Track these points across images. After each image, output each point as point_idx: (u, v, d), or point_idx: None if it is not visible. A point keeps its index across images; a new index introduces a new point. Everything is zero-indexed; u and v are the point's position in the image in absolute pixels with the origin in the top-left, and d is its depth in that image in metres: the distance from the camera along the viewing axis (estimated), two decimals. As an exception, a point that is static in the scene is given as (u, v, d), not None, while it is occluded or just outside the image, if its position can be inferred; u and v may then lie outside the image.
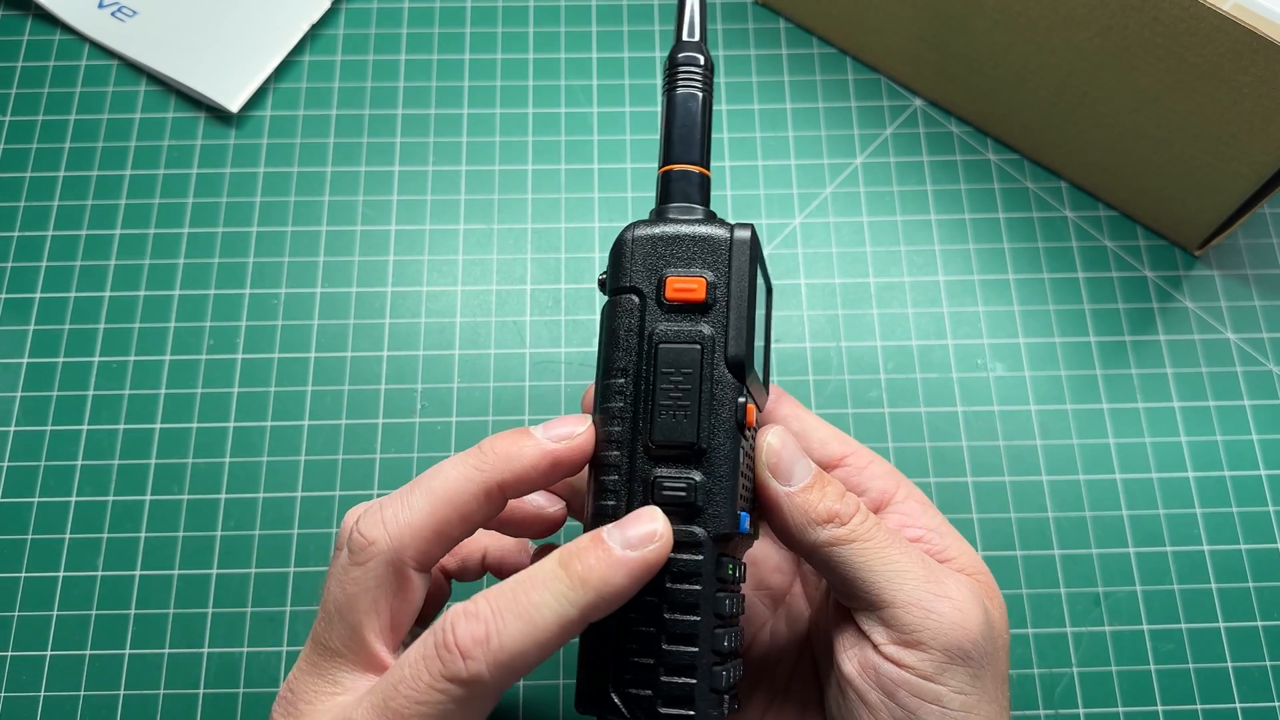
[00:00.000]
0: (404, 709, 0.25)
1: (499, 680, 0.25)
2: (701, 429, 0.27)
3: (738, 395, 0.28)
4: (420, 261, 0.48)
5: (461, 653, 0.25)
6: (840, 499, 0.30)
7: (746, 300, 0.28)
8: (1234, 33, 0.38)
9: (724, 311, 0.28)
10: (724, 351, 0.28)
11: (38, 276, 0.47)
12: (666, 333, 0.28)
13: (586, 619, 0.26)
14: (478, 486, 0.28)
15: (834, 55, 0.52)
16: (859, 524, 0.30)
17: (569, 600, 0.26)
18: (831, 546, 0.30)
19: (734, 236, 0.28)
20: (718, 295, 0.28)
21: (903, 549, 0.30)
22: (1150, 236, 0.48)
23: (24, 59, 0.51)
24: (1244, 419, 0.45)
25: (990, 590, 0.32)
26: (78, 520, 0.43)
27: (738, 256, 0.28)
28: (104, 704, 0.40)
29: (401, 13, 0.52)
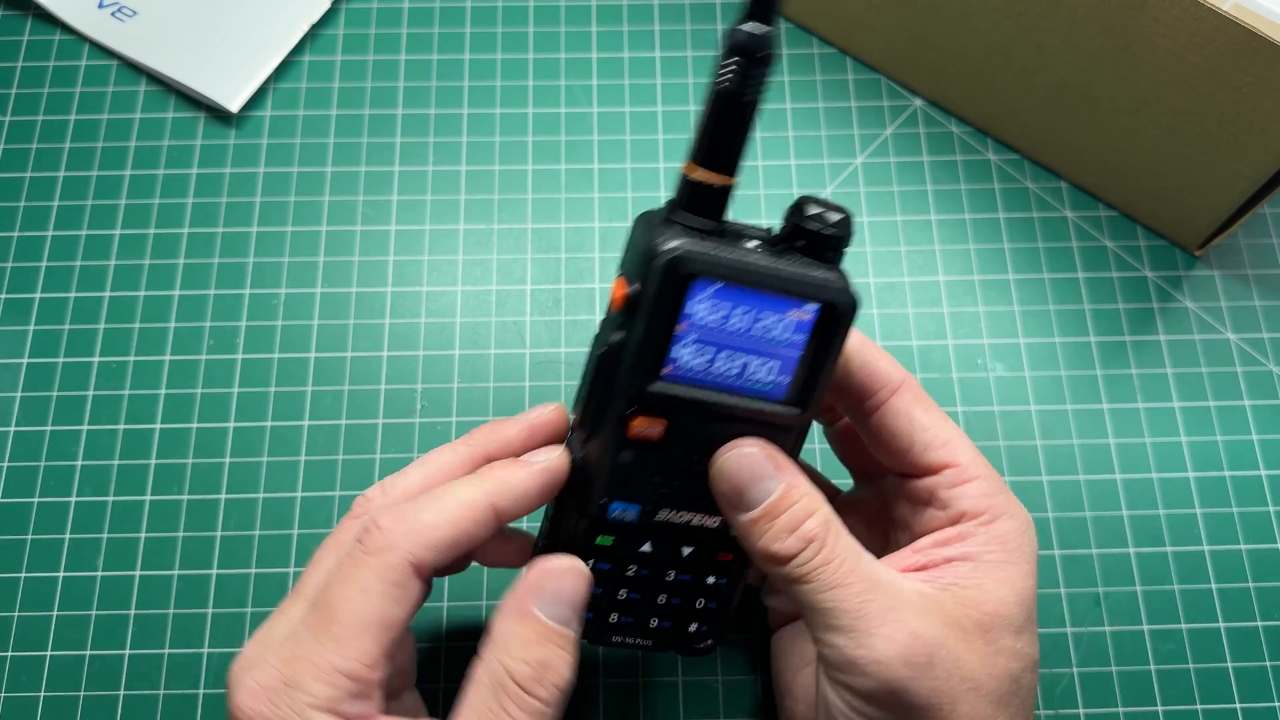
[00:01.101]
0: (339, 591, 0.29)
1: (414, 551, 0.29)
2: (584, 422, 0.31)
3: (626, 408, 0.29)
4: (420, 261, 0.48)
5: (381, 529, 0.29)
6: (785, 535, 0.30)
7: (638, 326, 0.28)
8: (1234, 33, 0.38)
9: (631, 342, 0.29)
10: (622, 373, 0.29)
11: (38, 277, 0.47)
12: (600, 328, 0.30)
13: (493, 506, 0.30)
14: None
15: (834, 55, 0.52)
16: (802, 563, 0.29)
17: (479, 487, 0.30)
18: (775, 582, 0.31)
19: (653, 264, 0.28)
20: (634, 291, 0.29)
21: (847, 588, 0.29)
22: (1150, 236, 0.48)
23: (24, 59, 0.51)
24: (1244, 419, 0.45)
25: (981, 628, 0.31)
26: (78, 520, 0.43)
27: (651, 279, 0.28)
28: (104, 704, 0.40)
29: (401, 13, 0.52)
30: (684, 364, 0.29)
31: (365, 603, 0.28)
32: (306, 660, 0.28)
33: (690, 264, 0.28)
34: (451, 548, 0.30)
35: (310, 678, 0.28)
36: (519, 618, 0.29)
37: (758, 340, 0.30)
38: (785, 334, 0.30)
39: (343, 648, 0.28)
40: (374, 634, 0.28)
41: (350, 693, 0.28)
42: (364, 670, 0.28)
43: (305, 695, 0.28)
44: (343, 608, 0.28)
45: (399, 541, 0.29)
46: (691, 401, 0.30)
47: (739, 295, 0.29)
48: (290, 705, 0.28)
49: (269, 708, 0.28)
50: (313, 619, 0.29)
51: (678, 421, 0.30)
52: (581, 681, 0.40)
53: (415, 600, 0.30)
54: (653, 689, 0.41)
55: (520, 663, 0.28)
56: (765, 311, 0.29)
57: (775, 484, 0.30)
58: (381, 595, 0.29)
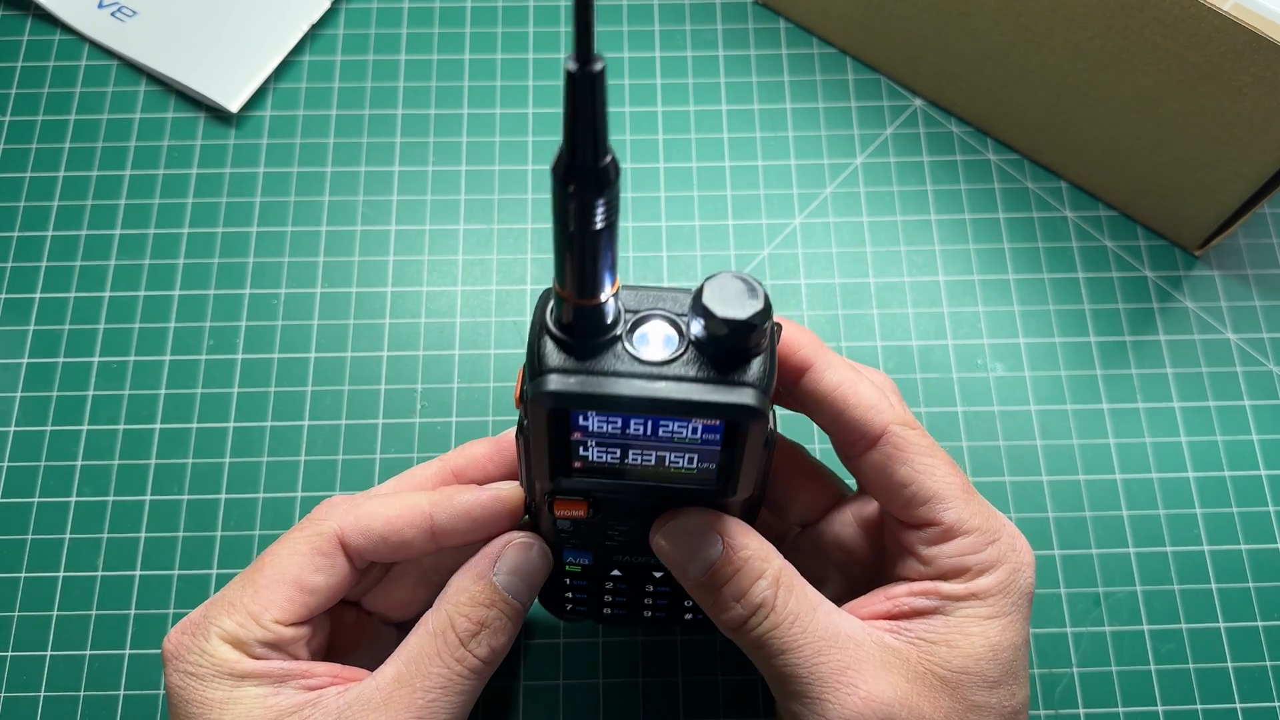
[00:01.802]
0: (272, 548, 0.32)
1: (344, 528, 0.31)
2: (527, 485, 0.31)
3: (545, 491, 0.29)
4: (420, 261, 0.48)
5: (329, 504, 0.32)
6: (731, 604, 0.29)
7: (538, 443, 0.26)
8: (1234, 33, 0.38)
9: (523, 456, 0.29)
10: (535, 465, 0.28)
11: (38, 276, 0.47)
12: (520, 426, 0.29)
13: (430, 515, 0.31)
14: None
15: (834, 55, 0.52)
16: (751, 628, 0.29)
17: (425, 496, 0.32)
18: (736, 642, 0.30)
19: (528, 396, 0.25)
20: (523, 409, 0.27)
21: (798, 651, 0.29)
22: (1150, 236, 0.48)
23: (24, 59, 0.51)
24: (1244, 419, 0.45)
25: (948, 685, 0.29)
26: (78, 520, 0.43)
27: (530, 408, 0.26)
28: (104, 704, 0.40)
29: (401, 13, 0.52)
30: (593, 461, 0.27)
31: (289, 562, 0.31)
32: (226, 602, 0.31)
33: (561, 400, 0.25)
34: (380, 540, 0.32)
35: (223, 614, 0.30)
36: (475, 578, 0.31)
37: (665, 441, 0.26)
38: (695, 435, 0.26)
39: (257, 595, 0.31)
40: (287, 590, 0.31)
41: (259, 638, 0.30)
42: (271, 620, 0.30)
43: (217, 628, 0.30)
44: (269, 562, 0.31)
45: (334, 516, 0.32)
46: (607, 487, 0.28)
47: (627, 416, 0.26)
48: (203, 636, 0.30)
49: (187, 639, 0.30)
50: (244, 573, 0.32)
51: (602, 503, 0.29)
52: (582, 681, 0.41)
53: (338, 574, 0.32)
54: (652, 689, 0.41)
55: (464, 618, 0.30)
56: (664, 422, 0.26)
57: (716, 550, 0.29)
58: (305, 558, 0.31)
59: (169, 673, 0.30)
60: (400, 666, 0.30)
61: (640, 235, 0.48)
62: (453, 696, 0.30)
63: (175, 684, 0.30)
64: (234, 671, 0.30)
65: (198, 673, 0.30)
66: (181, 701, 0.30)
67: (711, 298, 0.24)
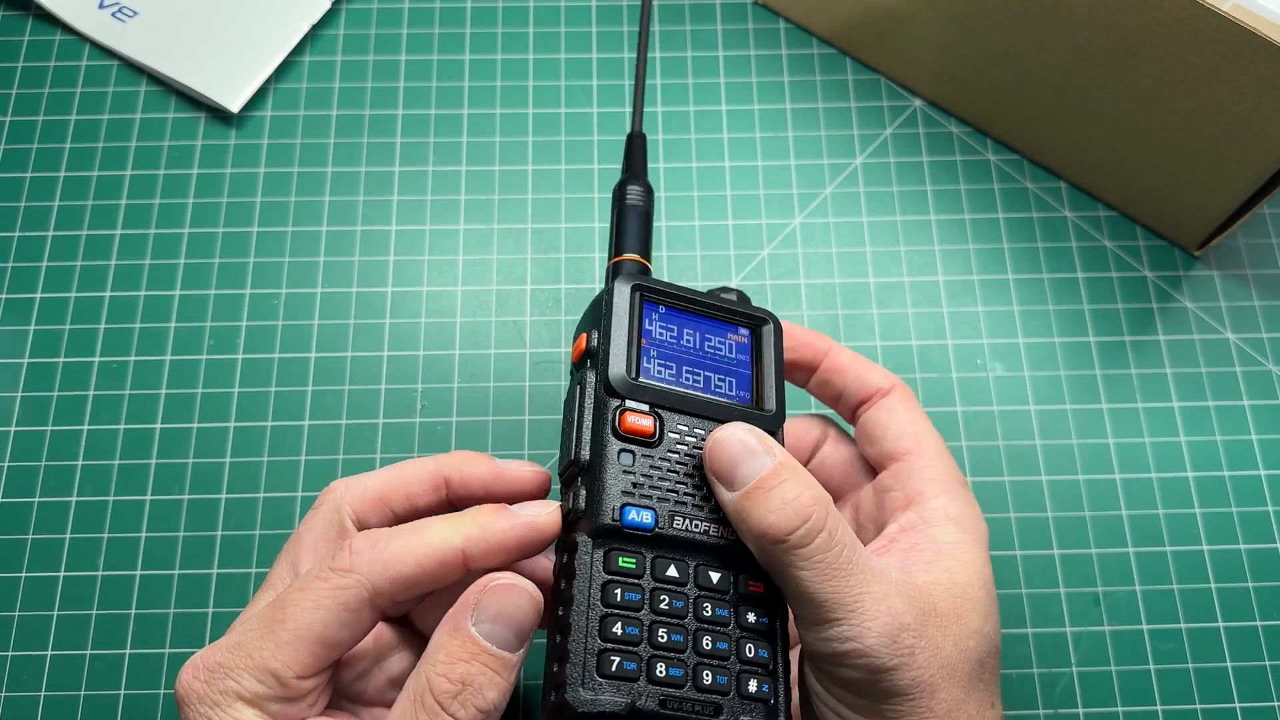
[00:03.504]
0: (295, 597, 0.29)
1: (374, 583, 0.29)
2: (579, 444, 0.32)
3: (613, 408, 0.31)
4: (420, 261, 0.48)
5: (352, 551, 0.30)
6: (780, 508, 0.29)
7: (611, 333, 0.32)
8: (1234, 33, 0.38)
9: (602, 348, 0.32)
10: (601, 381, 0.32)
11: (38, 277, 0.47)
12: (571, 386, 0.33)
13: (464, 552, 0.30)
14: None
15: (834, 55, 0.52)
16: (801, 543, 0.29)
17: (456, 529, 0.30)
18: (769, 564, 0.30)
19: (612, 289, 0.33)
20: (594, 340, 0.33)
21: (847, 579, 0.29)
22: (1150, 237, 0.48)
23: (24, 59, 0.51)
24: (1243, 419, 0.45)
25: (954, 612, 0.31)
26: (78, 520, 0.43)
27: (610, 303, 0.33)
28: (104, 704, 0.40)
29: (402, 13, 0.52)
30: (654, 372, 0.33)
31: (313, 617, 0.29)
32: (245, 653, 0.29)
33: (641, 286, 0.34)
34: (412, 584, 0.30)
35: (243, 668, 0.29)
36: (452, 632, 0.29)
37: (710, 358, 0.34)
38: (732, 354, 0.35)
39: (279, 652, 0.29)
40: (312, 648, 0.29)
41: (276, 694, 0.29)
42: (293, 677, 0.29)
43: (234, 683, 0.29)
44: (292, 615, 0.29)
45: (363, 568, 0.30)
46: (672, 394, 0.32)
47: (684, 319, 0.34)
48: (220, 689, 0.29)
49: (203, 687, 0.29)
50: (266, 615, 0.30)
51: (664, 419, 0.32)
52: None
53: (364, 627, 0.30)
54: None
55: (441, 678, 0.28)
56: (710, 334, 0.35)
57: (767, 460, 0.30)
58: (330, 614, 0.29)
59: (186, 716, 0.29)
60: None
61: (640, 235, 0.48)
62: None
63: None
64: None
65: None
66: None
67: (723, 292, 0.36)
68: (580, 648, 0.29)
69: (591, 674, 0.29)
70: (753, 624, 0.31)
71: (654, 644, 0.30)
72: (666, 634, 0.30)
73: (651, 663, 0.30)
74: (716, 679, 0.30)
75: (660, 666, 0.30)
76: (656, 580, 0.31)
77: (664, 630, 0.30)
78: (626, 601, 0.30)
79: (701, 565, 0.31)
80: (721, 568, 0.32)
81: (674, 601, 0.31)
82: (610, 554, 0.30)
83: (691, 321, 0.34)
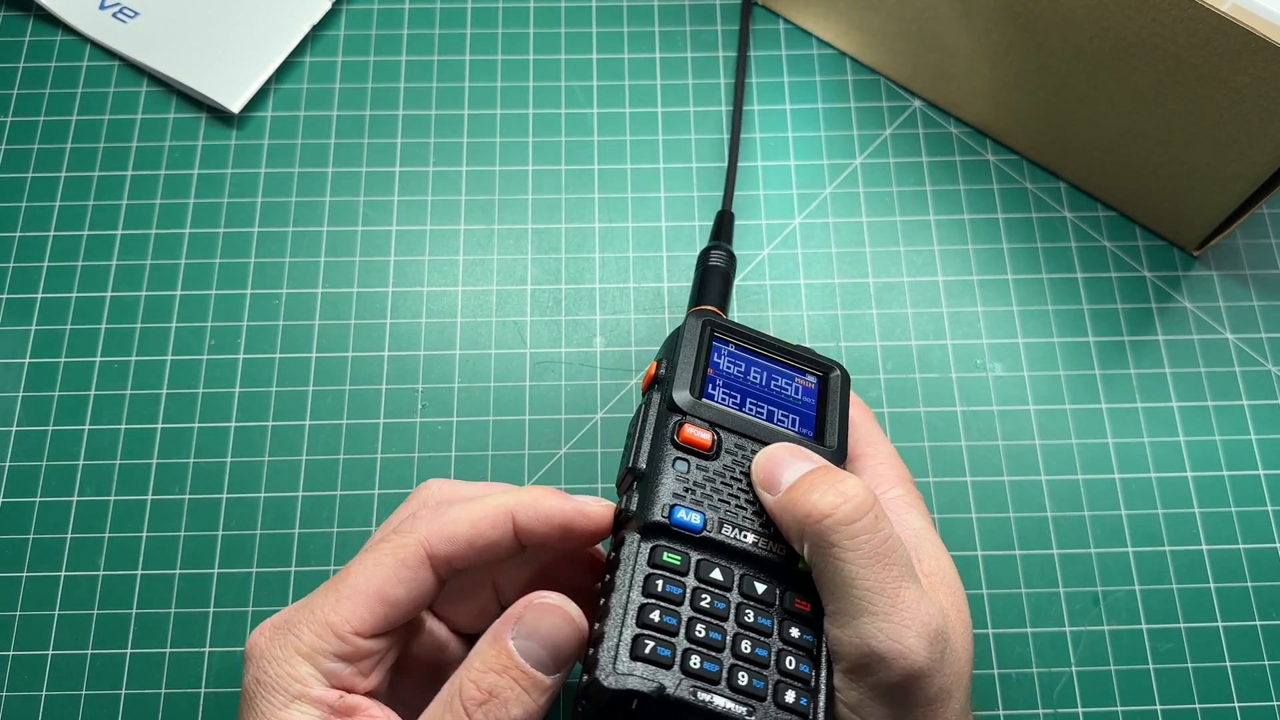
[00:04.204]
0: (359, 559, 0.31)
1: (430, 539, 0.31)
2: (638, 454, 0.33)
3: (673, 421, 0.33)
4: (421, 262, 0.48)
5: (415, 518, 0.32)
6: (825, 489, 0.29)
7: (678, 360, 0.34)
8: (1233, 33, 0.38)
9: (669, 374, 0.34)
10: (665, 400, 0.34)
11: (39, 277, 0.47)
12: (637, 408, 0.35)
13: (512, 514, 0.31)
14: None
15: (834, 56, 0.52)
16: (845, 521, 0.28)
17: (509, 495, 0.32)
18: (813, 554, 0.30)
19: (686, 321, 0.36)
20: (663, 368, 0.35)
21: (888, 569, 0.29)
22: (1149, 237, 0.49)
23: (25, 60, 0.51)
24: (1243, 419, 0.45)
25: (956, 609, 0.31)
26: (79, 520, 0.43)
27: (681, 333, 0.35)
28: (105, 704, 0.40)
29: (402, 14, 0.53)
30: (718, 398, 0.35)
31: (373, 573, 0.30)
32: (308, 609, 0.30)
33: (712, 323, 0.36)
34: (467, 545, 0.31)
35: (303, 623, 0.30)
36: (491, 641, 0.29)
37: (776, 395, 0.35)
38: (798, 395, 0.36)
39: (339, 606, 0.30)
40: (369, 603, 0.30)
41: (335, 650, 0.29)
42: (349, 631, 0.30)
43: (294, 638, 0.30)
44: (354, 572, 0.31)
45: (421, 529, 0.31)
46: (733, 418, 0.34)
47: (752, 358, 0.36)
48: (281, 644, 0.30)
49: (266, 642, 0.30)
50: (329, 582, 0.31)
51: (722, 437, 0.33)
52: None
53: (422, 586, 0.31)
54: None
55: (471, 684, 0.28)
56: (777, 375, 0.36)
57: (811, 464, 0.31)
58: (389, 570, 0.30)
59: (246, 670, 0.30)
60: None
61: (641, 235, 0.48)
62: None
63: (247, 685, 0.30)
64: (295, 692, 0.29)
65: (266, 681, 0.29)
66: (247, 703, 0.30)
67: None
68: (616, 631, 0.29)
69: (625, 656, 0.29)
70: (796, 638, 0.31)
71: (691, 638, 0.30)
72: (705, 630, 0.30)
73: (686, 654, 0.29)
74: (753, 682, 0.29)
75: (695, 659, 0.29)
76: (700, 580, 0.31)
77: (703, 626, 0.30)
78: (667, 593, 0.30)
79: (748, 575, 0.31)
80: (768, 580, 0.31)
81: (715, 603, 0.30)
82: (656, 549, 0.31)
83: (760, 361, 0.36)
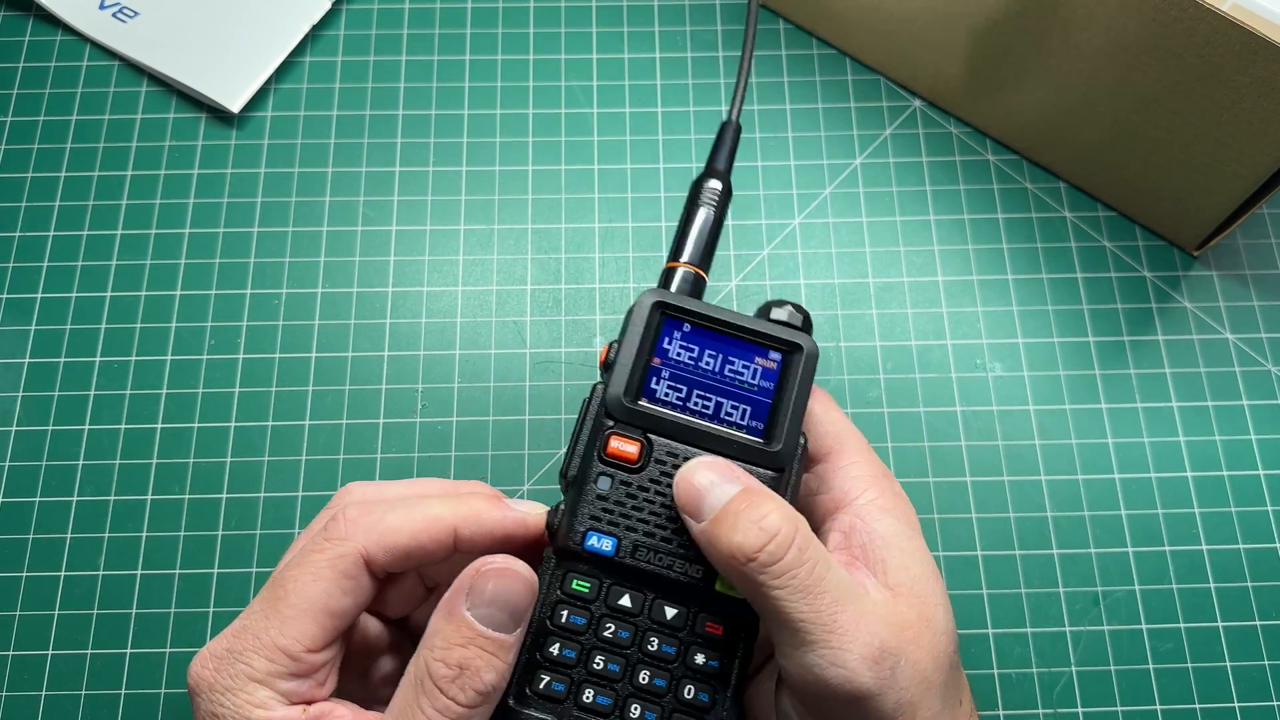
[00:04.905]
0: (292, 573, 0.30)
1: (369, 548, 0.30)
2: (570, 459, 0.32)
3: (605, 429, 0.31)
4: (421, 262, 0.48)
5: (346, 519, 0.30)
6: (749, 527, 0.28)
7: (619, 355, 0.32)
8: (1233, 33, 0.38)
9: (612, 367, 0.32)
10: (601, 403, 0.32)
11: (39, 277, 0.47)
12: (589, 396, 0.32)
13: (456, 530, 0.31)
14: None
15: (833, 56, 0.52)
16: (771, 560, 0.28)
17: (450, 507, 0.31)
18: (743, 589, 0.29)
19: (635, 304, 0.32)
20: (612, 355, 0.32)
21: (820, 597, 0.28)
22: (1149, 237, 0.49)
23: (25, 60, 0.51)
24: (1242, 419, 0.45)
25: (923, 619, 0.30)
26: (79, 520, 0.43)
27: (629, 318, 0.32)
28: (105, 703, 0.40)
29: (402, 14, 0.53)
30: (660, 395, 0.32)
31: (314, 587, 0.30)
32: (252, 635, 0.29)
33: (664, 303, 0.32)
34: (405, 555, 0.31)
35: (252, 650, 0.29)
36: (447, 617, 0.29)
37: (729, 383, 0.32)
38: (754, 379, 0.32)
39: (286, 627, 0.29)
40: (318, 618, 0.29)
41: (290, 670, 0.29)
42: (302, 650, 0.29)
43: (245, 666, 0.29)
44: (293, 589, 0.30)
45: (357, 535, 0.30)
46: (668, 421, 0.31)
47: (708, 339, 0.33)
48: (231, 674, 0.29)
49: (213, 674, 0.29)
50: (266, 596, 0.30)
51: (653, 446, 0.31)
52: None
53: (364, 593, 0.31)
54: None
55: (439, 663, 0.28)
56: (733, 357, 0.32)
57: (736, 487, 0.30)
58: (330, 583, 0.30)
59: (197, 706, 0.30)
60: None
61: (641, 235, 0.48)
62: None
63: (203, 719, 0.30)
64: (259, 718, 0.29)
65: (224, 715, 0.29)
66: None
67: (774, 306, 0.33)
68: (518, 663, 0.30)
69: (523, 689, 0.30)
70: (699, 665, 0.31)
71: (589, 670, 0.30)
72: (604, 662, 0.30)
73: (581, 687, 0.30)
74: (645, 714, 0.30)
75: (588, 693, 0.30)
76: (608, 607, 0.31)
77: (601, 658, 0.31)
78: (570, 624, 0.31)
79: (659, 600, 0.31)
80: (681, 604, 0.31)
81: (620, 631, 0.31)
82: (568, 575, 0.31)
83: (716, 342, 0.33)
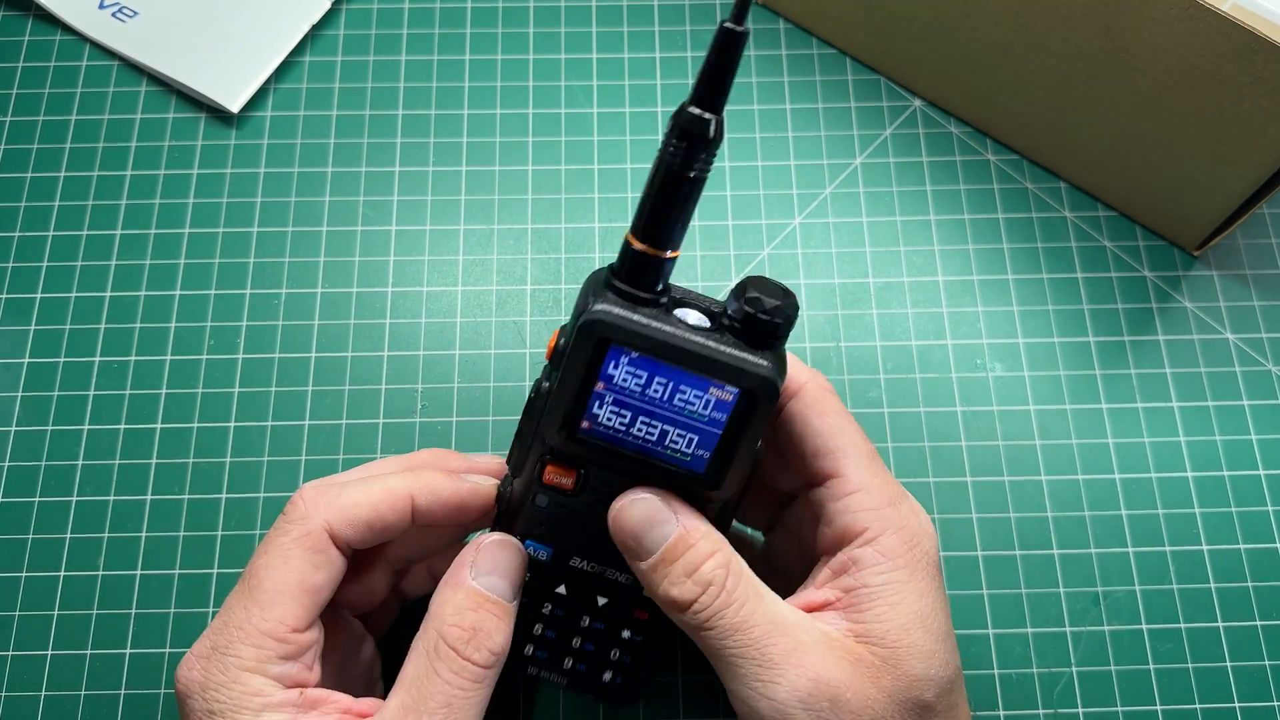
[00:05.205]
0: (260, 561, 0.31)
1: (331, 522, 0.31)
2: (515, 467, 0.32)
3: (543, 455, 0.31)
4: (420, 262, 0.48)
5: (304, 500, 0.31)
6: (682, 580, 0.29)
7: (559, 380, 0.29)
8: (1233, 33, 0.38)
9: (550, 389, 0.30)
10: (538, 423, 0.31)
11: (39, 277, 0.47)
12: (536, 383, 0.31)
13: (413, 499, 0.32)
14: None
15: (834, 55, 0.52)
16: (702, 608, 0.29)
17: (406, 480, 0.32)
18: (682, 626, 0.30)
19: (577, 324, 0.28)
20: (561, 344, 0.30)
21: (747, 633, 0.29)
22: (1149, 237, 0.49)
23: (25, 59, 0.51)
24: (1243, 419, 0.45)
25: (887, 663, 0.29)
26: (78, 520, 0.43)
27: (571, 339, 0.29)
28: (105, 704, 0.40)
29: (402, 14, 0.52)
30: (601, 421, 0.30)
31: (285, 568, 0.30)
32: (235, 627, 0.30)
33: (607, 329, 0.28)
34: (366, 527, 0.32)
35: (237, 641, 0.29)
36: (454, 587, 0.30)
37: (677, 412, 0.29)
38: (705, 410, 0.29)
39: (265, 611, 0.29)
40: (294, 596, 0.30)
41: (278, 654, 0.29)
42: (286, 631, 0.29)
43: (233, 658, 0.29)
44: (265, 575, 0.30)
45: (318, 511, 0.31)
46: (604, 455, 0.30)
47: (657, 366, 0.29)
48: (221, 669, 0.29)
49: (202, 674, 0.29)
50: (240, 589, 0.31)
51: (590, 474, 0.31)
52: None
53: (335, 568, 0.31)
54: (653, 688, 0.41)
55: (453, 627, 0.30)
56: (684, 385, 0.29)
57: (671, 528, 0.30)
58: (300, 560, 0.30)
59: (189, 709, 0.29)
60: (404, 695, 0.29)
61: (640, 235, 0.48)
62: (461, 711, 0.29)
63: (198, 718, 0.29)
64: (257, 705, 0.29)
65: (221, 709, 0.29)
66: None
67: (753, 286, 0.29)
68: None
69: None
70: (627, 639, 0.34)
71: (529, 636, 0.34)
72: (541, 629, 0.34)
73: (523, 645, 0.34)
74: (577, 666, 0.34)
75: (529, 648, 0.34)
76: (546, 593, 0.33)
77: (540, 626, 0.34)
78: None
79: (593, 591, 0.33)
80: (612, 594, 0.33)
81: (556, 610, 0.33)
82: None
83: (666, 370, 0.29)
